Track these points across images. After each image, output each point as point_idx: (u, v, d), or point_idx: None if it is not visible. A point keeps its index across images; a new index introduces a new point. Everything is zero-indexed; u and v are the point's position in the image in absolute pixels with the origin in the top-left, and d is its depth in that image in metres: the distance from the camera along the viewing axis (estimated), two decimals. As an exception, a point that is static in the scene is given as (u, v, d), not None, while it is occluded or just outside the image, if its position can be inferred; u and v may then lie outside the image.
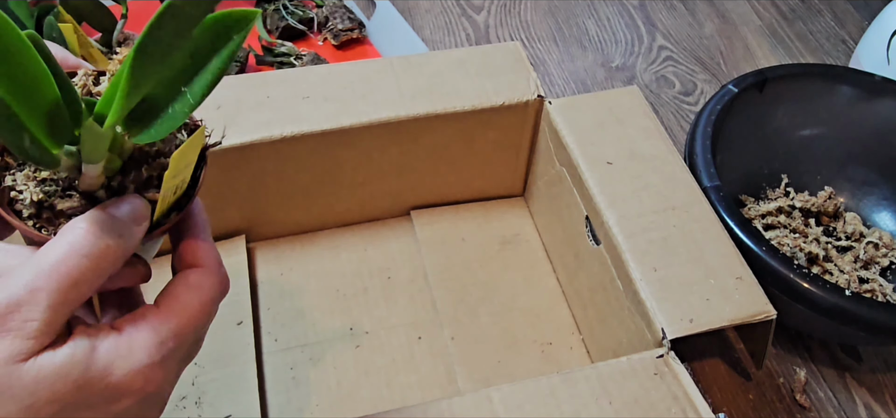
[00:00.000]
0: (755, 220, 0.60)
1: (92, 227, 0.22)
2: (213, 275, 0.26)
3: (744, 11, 0.91)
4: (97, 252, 0.22)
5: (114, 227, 0.23)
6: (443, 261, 0.58)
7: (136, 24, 0.80)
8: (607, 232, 0.47)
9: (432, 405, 0.37)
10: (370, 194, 0.58)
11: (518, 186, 0.62)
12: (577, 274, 0.53)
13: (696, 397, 0.38)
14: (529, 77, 0.55)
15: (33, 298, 0.21)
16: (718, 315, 0.42)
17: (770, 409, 0.52)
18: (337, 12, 0.80)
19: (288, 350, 0.51)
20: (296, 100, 0.52)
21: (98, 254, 0.22)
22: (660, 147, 0.52)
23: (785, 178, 0.63)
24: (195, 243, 0.27)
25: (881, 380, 0.54)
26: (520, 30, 0.86)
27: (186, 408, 0.46)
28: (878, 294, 0.55)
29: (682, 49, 0.85)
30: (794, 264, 0.46)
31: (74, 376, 0.22)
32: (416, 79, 0.54)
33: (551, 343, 0.53)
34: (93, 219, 0.23)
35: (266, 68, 0.76)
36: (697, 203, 0.48)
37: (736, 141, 0.59)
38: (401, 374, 0.51)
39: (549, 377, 0.38)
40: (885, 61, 0.66)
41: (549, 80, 0.79)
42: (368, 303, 0.55)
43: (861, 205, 0.62)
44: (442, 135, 0.54)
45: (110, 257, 0.23)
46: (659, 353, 0.40)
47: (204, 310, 0.25)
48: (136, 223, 0.24)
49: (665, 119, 0.75)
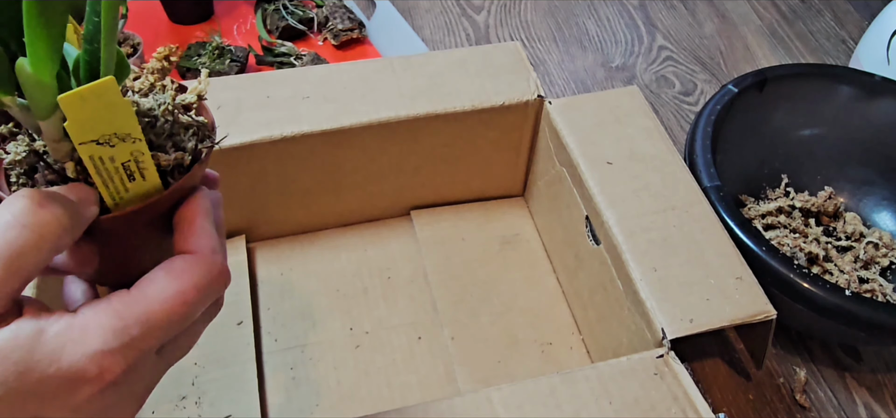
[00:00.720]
0: (755, 220, 0.60)
1: (34, 196, 0.21)
2: (201, 263, 0.24)
3: (744, 11, 0.91)
4: (38, 222, 0.21)
5: (56, 200, 0.22)
6: (443, 261, 0.58)
7: (137, 24, 0.80)
8: (607, 232, 0.47)
9: (432, 405, 0.37)
10: (370, 194, 0.58)
11: (518, 186, 0.62)
12: (577, 274, 0.53)
13: (696, 397, 0.38)
14: (529, 77, 0.55)
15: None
16: (718, 315, 0.42)
17: (770, 409, 0.52)
18: (337, 12, 0.80)
19: (288, 350, 0.51)
20: (296, 100, 0.52)
21: (39, 224, 0.21)
22: (660, 147, 0.52)
23: (785, 178, 0.63)
24: (188, 228, 0.25)
25: (881, 380, 0.54)
26: (520, 30, 0.86)
27: (186, 408, 0.46)
28: (878, 294, 0.55)
29: (682, 49, 0.85)
30: (794, 264, 0.46)
31: (15, 358, 0.20)
32: (416, 79, 0.54)
33: (551, 343, 0.53)
34: (35, 192, 0.22)
35: (266, 68, 0.76)
36: (697, 203, 0.48)
37: (736, 141, 0.59)
38: (401, 374, 0.51)
39: (549, 377, 0.38)
40: (885, 61, 0.66)
41: (549, 80, 0.79)
42: (368, 303, 0.55)
43: (861, 205, 0.62)
44: (442, 135, 0.54)
45: (53, 230, 0.21)
46: (659, 353, 0.40)
47: (184, 300, 0.23)
48: (81, 203, 0.23)
49: (665, 119, 0.75)
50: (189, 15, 0.81)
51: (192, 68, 0.71)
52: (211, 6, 0.83)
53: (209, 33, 0.78)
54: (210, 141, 0.27)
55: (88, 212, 0.23)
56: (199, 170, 0.26)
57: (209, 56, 0.72)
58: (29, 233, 0.21)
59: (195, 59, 0.72)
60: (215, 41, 0.73)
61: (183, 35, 0.80)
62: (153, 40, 0.78)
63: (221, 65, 0.72)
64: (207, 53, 0.73)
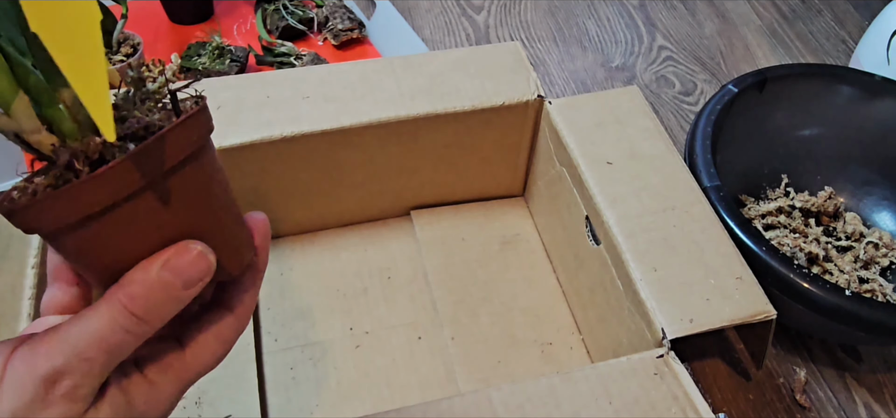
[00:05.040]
0: (755, 220, 0.60)
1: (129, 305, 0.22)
2: (241, 329, 0.26)
3: (744, 11, 0.91)
4: (137, 331, 0.23)
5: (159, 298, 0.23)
6: (443, 261, 0.58)
7: (137, 24, 0.80)
8: (607, 232, 0.47)
9: (432, 405, 0.37)
10: (370, 194, 0.58)
11: (518, 186, 0.62)
12: (577, 274, 0.53)
13: (696, 397, 0.38)
14: (529, 77, 0.55)
15: (84, 366, 0.22)
16: (718, 315, 0.42)
17: (770, 409, 0.52)
18: (337, 12, 0.80)
19: (288, 350, 0.51)
20: (296, 100, 0.52)
21: (138, 333, 0.23)
22: (660, 147, 0.52)
23: (785, 178, 0.63)
24: (245, 288, 0.27)
25: (881, 380, 0.54)
26: (520, 30, 0.86)
27: (186, 408, 0.46)
28: (878, 294, 0.55)
29: (682, 49, 0.85)
30: (794, 264, 0.46)
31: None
32: (417, 79, 0.54)
33: (551, 343, 0.53)
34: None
35: (266, 68, 0.76)
36: (697, 203, 0.48)
37: (736, 141, 0.59)
38: (401, 374, 0.51)
39: (549, 377, 0.38)
40: (885, 61, 0.66)
41: (549, 80, 0.79)
42: (368, 303, 0.55)
43: (861, 205, 0.62)
44: (442, 135, 0.54)
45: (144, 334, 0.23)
46: (659, 353, 0.40)
47: (219, 360, 0.26)
48: (185, 286, 0.23)
49: (665, 119, 0.75)
50: (189, 15, 0.81)
51: (193, 68, 0.71)
52: (211, 6, 0.83)
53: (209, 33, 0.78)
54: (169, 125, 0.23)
55: (187, 292, 0.24)
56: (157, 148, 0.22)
57: (209, 56, 0.72)
58: (130, 338, 0.23)
59: (195, 59, 0.72)
60: (215, 41, 0.73)
61: (183, 35, 0.80)
62: (153, 40, 0.78)
63: (221, 65, 0.72)
64: (207, 53, 0.73)
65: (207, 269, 0.23)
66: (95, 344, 0.22)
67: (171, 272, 0.22)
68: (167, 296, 0.23)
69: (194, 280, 0.23)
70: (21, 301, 0.39)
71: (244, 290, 0.27)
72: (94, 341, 0.22)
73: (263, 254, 0.28)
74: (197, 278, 0.23)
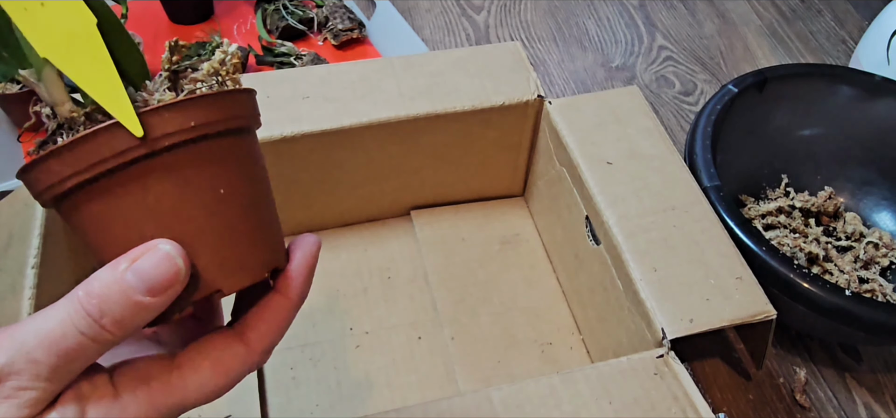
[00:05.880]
0: (755, 220, 0.60)
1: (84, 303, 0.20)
2: (250, 361, 0.23)
3: (744, 11, 0.91)
4: (96, 335, 0.20)
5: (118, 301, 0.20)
6: (443, 261, 0.58)
7: (137, 24, 0.80)
8: (607, 232, 0.47)
9: (432, 405, 0.37)
10: (370, 194, 0.58)
11: (518, 186, 0.62)
12: (577, 274, 0.53)
13: (696, 397, 0.38)
14: (529, 77, 0.55)
15: (31, 368, 0.20)
16: (718, 315, 0.42)
17: (770, 409, 0.52)
18: (337, 12, 0.80)
19: (288, 350, 0.51)
20: (296, 100, 0.52)
21: (98, 338, 0.20)
22: (660, 147, 0.52)
23: (785, 178, 0.63)
24: (262, 323, 0.23)
25: (881, 380, 0.54)
26: (520, 30, 0.86)
27: (186, 408, 0.46)
28: (878, 294, 0.55)
29: (682, 49, 0.85)
30: (794, 264, 0.46)
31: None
32: (416, 79, 0.54)
33: (551, 343, 0.53)
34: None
35: (266, 68, 0.76)
36: (697, 203, 0.48)
37: (736, 141, 0.59)
38: (401, 374, 0.51)
39: (549, 377, 0.38)
40: (885, 61, 0.66)
41: (549, 80, 0.79)
42: (368, 303, 0.55)
43: (861, 205, 0.62)
44: (442, 135, 0.54)
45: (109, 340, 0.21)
46: (659, 353, 0.40)
47: (218, 390, 0.23)
48: (151, 292, 0.20)
49: (665, 119, 0.75)
50: (189, 15, 0.81)
51: (193, 68, 0.71)
52: (211, 6, 0.83)
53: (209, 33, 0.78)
54: None
55: (163, 298, 0.21)
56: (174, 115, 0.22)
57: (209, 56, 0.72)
58: (87, 341, 0.20)
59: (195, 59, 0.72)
60: (215, 41, 0.73)
61: (183, 35, 0.80)
62: (153, 40, 0.78)
63: (221, 65, 0.72)
64: (207, 53, 0.73)
65: (174, 276, 0.21)
66: (45, 344, 0.20)
67: (132, 273, 0.20)
68: (126, 299, 0.20)
69: (160, 286, 0.20)
70: (21, 301, 0.39)
71: (262, 320, 0.23)
72: (43, 341, 0.20)
73: (300, 283, 0.24)
74: (163, 284, 0.20)
